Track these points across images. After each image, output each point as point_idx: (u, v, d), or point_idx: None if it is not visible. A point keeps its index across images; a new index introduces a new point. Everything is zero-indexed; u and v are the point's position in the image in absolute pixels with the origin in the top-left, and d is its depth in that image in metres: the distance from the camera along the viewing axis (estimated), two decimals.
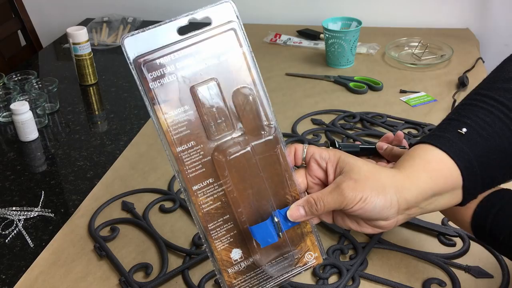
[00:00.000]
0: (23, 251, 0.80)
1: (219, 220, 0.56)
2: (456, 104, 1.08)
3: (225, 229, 0.56)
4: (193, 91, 0.53)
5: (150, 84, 0.52)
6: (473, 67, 1.29)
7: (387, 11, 1.62)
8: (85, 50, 1.29)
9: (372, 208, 0.53)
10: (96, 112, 1.24)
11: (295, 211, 0.56)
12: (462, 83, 1.22)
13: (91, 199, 0.91)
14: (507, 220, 0.56)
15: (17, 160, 1.04)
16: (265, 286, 0.58)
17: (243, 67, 0.55)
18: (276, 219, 0.55)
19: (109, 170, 0.98)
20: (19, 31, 1.69)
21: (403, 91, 1.23)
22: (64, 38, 1.63)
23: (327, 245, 0.78)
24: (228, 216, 0.56)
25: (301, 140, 1.04)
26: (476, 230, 0.59)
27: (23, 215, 0.87)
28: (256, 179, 0.56)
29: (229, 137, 0.55)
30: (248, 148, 0.55)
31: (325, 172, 0.57)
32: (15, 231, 0.84)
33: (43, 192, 0.94)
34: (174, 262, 0.77)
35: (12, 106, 1.06)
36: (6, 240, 0.83)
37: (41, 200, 0.91)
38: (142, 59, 0.52)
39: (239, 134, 0.55)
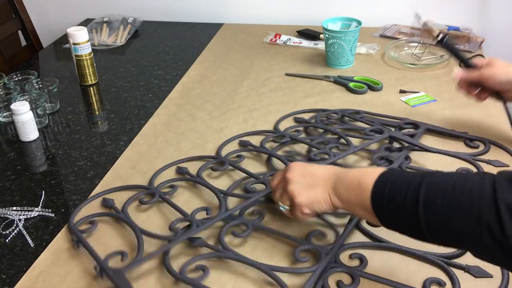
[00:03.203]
0: (24, 251, 0.80)
1: None
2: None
3: None
4: None
5: None
6: None
7: (387, 11, 1.62)
8: (85, 50, 1.29)
9: None
10: (96, 112, 1.24)
11: None
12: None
13: None
14: (402, 184, 0.60)
15: (17, 160, 1.04)
16: None
17: None
18: None
19: (110, 170, 0.99)
20: (19, 31, 1.70)
21: (403, 91, 1.23)
22: (65, 38, 1.64)
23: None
24: None
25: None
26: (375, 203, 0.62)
27: (23, 215, 0.88)
28: None
29: None
30: None
31: None
32: (15, 231, 0.84)
33: (43, 192, 0.94)
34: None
35: (12, 106, 1.06)
36: (7, 240, 0.83)
37: (41, 200, 0.91)
38: None
39: None
